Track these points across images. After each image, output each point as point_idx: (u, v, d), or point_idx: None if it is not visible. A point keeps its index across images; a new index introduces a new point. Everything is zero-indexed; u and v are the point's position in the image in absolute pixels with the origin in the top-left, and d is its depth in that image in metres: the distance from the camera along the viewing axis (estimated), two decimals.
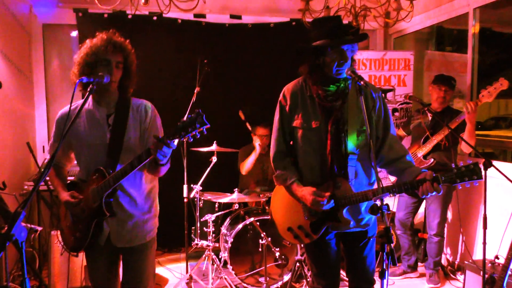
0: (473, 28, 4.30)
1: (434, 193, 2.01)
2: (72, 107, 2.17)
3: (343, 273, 3.48)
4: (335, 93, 2.24)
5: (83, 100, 2.08)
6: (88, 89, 2.02)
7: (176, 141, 1.92)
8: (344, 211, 2.23)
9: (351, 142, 2.24)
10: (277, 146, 2.40)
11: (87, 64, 2.13)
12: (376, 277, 2.17)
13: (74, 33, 4.93)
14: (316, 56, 2.23)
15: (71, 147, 2.29)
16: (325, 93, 2.24)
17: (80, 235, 2.18)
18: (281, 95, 2.40)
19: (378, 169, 2.51)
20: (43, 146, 4.84)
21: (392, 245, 1.73)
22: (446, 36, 5.34)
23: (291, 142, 2.41)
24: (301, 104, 2.31)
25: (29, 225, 2.58)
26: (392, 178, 4.05)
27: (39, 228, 2.62)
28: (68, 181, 2.32)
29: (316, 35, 2.24)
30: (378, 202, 1.82)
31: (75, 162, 2.37)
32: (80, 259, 3.61)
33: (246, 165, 4.47)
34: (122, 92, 2.26)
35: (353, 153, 2.24)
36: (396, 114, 4.70)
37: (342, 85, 2.26)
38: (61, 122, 2.27)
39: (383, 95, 2.39)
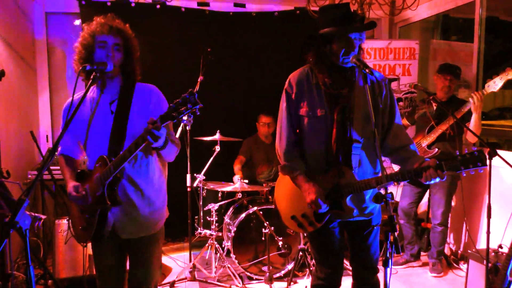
0: (480, 16, 4.24)
1: (437, 179, 2.00)
2: (77, 96, 2.15)
3: (346, 262, 3.48)
4: (342, 81, 2.23)
5: (87, 89, 2.06)
6: (91, 77, 2.01)
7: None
8: (348, 199, 2.22)
9: (356, 130, 2.22)
10: (288, 135, 2.35)
11: (84, 47, 2.10)
12: (380, 266, 2.17)
13: (78, 22, 4.91)
14: (323, 44, 2.21)
15: (78, 137, 2.26)
16: (332, 81, 2.22)
17: (86, 225, 2.17)
18: (286, 83, 2.37)
19: (382, 158, 2.51)
20: (47, 135, 4.85)
21: (396, 233, 1.72)
22: (452, 25, 5.28)
23: (297, 130, 2.39)
24: (307, 92, 2.29)
25: (33, 214, 2.58)
26: (396, 168, 4.04)
27: (43, 217, 2.62)
28: (79, 170, 2.29)
29: (323, 22, 2.22)
30: (382, 191, 1.82)
31: None
32: (83, 248, 3.63)
33: (235, 168, 4.51)
34: (126, 78, 2.22)
35: (358, 141, 2.23)
36: (401, 103, 4.67)
37: (348, 73, 2.24)
38: (66, 112, 2.25)
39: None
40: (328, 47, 2.20)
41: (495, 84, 3.41)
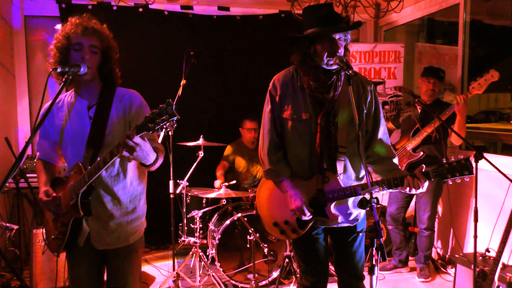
0: (464, 20, 4.24)
1: (424, 188, 1.97)
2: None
3: (331, 268, 3.42)
4: (327, 85, 2.17)
5: (59, 91, 1.96)
6: (63, 80, 1.92)
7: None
8: (332, 206, 2.16)
9: (341, 136, 2.16)
10: (271, 138, 2.28)
11: (58, 50, 2.01)
12: (365, 273, 2.11)
13: (58, 26, 4.80)
14: (307, 45, 2.15)
15: (56, 143, 2.17)
16: (317, 85, 2.16)
17: (59, 234, 2.07)
18: (270, 85, 2.30)
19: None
20: (26, 142, 4.72)
21: (382, 239, 1.67)
22: (436, 28, 5.29)
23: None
24: (292, 95, 2.23)
25: (4, 223, 2.47)
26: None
27: (15, 227, 2.51)
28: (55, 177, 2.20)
29: (307, 23, 2.16)
30: (367, 196, 1.76)
31: None
32: (63, 259, 3.51)
33: (217, 173, 4.42)
34: (105, 82, 2.13)
35: (343, 147, 2.17)
36: (386, 107, 4.64)
37: (334, 76, 2.18)
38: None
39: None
40: (312, 48, 2.14)
41: (480, 86, 3.40)
